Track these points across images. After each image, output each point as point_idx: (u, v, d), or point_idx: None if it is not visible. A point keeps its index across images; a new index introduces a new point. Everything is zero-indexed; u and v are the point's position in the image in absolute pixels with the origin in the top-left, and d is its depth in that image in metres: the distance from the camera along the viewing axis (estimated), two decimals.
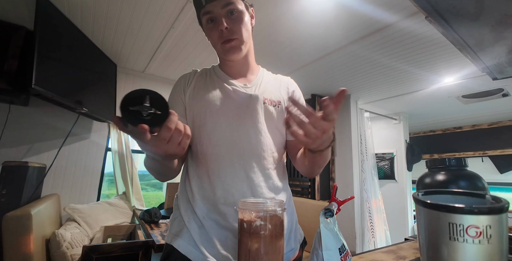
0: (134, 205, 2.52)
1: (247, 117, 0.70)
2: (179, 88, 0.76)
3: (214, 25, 0.69)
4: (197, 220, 0.65)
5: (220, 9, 0.68)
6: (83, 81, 2.00)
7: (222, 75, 0.77)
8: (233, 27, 0.69)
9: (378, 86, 2.92)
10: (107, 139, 2.60)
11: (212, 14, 0.69)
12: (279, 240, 0.42)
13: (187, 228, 0.65)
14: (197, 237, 0.63)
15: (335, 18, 1.72)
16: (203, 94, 0.72)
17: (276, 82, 0.81)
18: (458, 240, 0.49)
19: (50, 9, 1.60)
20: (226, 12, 0.68)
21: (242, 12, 0.71)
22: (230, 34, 0.69)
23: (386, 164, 3.89)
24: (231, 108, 0.70)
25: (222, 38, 0.69)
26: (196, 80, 0.76)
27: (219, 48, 0.72)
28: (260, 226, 0.41)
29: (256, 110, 0.71)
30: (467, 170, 0.93)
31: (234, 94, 0.72)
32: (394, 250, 0.83)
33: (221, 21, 0.67)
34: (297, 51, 2.21)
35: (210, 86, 0.74)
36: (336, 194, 0.59)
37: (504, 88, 2.73)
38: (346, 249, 0.54)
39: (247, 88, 0.74)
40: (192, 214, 0.66)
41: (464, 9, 0.67)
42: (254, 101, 0.71)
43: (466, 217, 0.49)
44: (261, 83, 0.77)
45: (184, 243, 0.63)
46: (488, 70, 1.00)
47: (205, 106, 0.70)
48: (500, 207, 0.49)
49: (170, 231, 0.68)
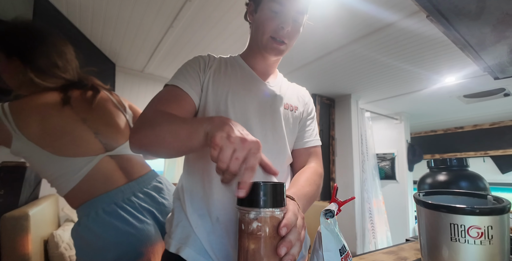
0: None
1: (267, 117, 0.68)
2: (197, 65, 0.68)
3: (277, 18, 0.66)
4: (207, 224, 0.59)
5: (291, 8, 0.66)
6: None
7: (247, 67, 0.73)
8: (292, 32, 0.68)
9: (379, 86, 2.92)
10: None
11: (282, 7, 0.65)
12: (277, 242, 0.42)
13: (196, 234, 0.59)
14: (207, 245, 0.57)
15: (335, 17, 1.71)
16: (224, 81, 0.67)
17: (294, 89, 0.81)
18: (460, 241, 0.49)
19: (48, 8, 1.60)
20: (294, 17, 0.67)
21: (301, 26, 0.71)
22: (286, 37, 0.67)
23: (387, 164, 3.88)
24: (253, 102, 0.67)
25: (277, 34, 0.66)
26: (217, 64, 0.71)
27: (265, 39, 0.67)
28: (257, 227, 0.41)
29: (279, 112, 0.69)
30: (469, 170, 0.92)
31: (259, 89, 0.69)
32: (395, 251, 0.83)
33: (288, 20, 0.65)
34: (297, 51, 2.20)
35: (233, 74, 0.69)
36: (336, 195, 0.59)
37: (506, 88, 2.73)
38: (347, 250, 0.53)
39: (271, 86, 0.73)
40: (201, 218, 0.60)
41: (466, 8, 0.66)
42: (278, 101, 0.70)
43: (468, 218, 0.48)
44: (281, 86, 0.76)
45: (193, 253, 0.57)
46: (489, 70, 0.99)
47: (226, 94, 0.65)
48: (501, 207, 0.49)
49: (173, 237, 0.60)
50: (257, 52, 0.72)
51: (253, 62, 0.74)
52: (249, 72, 0.72)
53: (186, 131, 0.48)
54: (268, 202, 0.40)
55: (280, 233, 0.40)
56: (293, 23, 0.67)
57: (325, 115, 3.35)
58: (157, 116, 0.55)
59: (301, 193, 0.61)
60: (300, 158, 0.76)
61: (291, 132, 0.73)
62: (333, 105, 3.44)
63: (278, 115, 0.69)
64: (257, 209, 0.40)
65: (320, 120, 3.24)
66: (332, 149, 3.31)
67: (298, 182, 0.65)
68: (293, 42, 0.71)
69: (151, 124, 0.53)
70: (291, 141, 0.74)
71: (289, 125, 0.72)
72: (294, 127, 0.74)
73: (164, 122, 0.52)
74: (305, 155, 0.76)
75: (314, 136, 0.78)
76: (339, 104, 3.41)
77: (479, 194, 0.60)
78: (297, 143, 0.76)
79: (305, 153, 0.76)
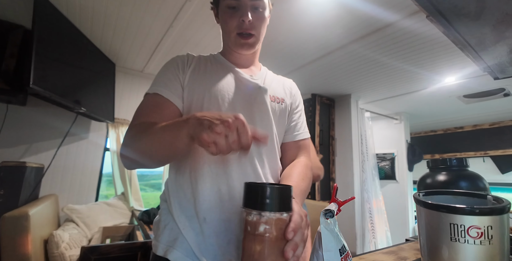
0: (132, 205, 2.52)
1: (254, 110, 0.67)
2: (175, 67, 0.67)
3: (235, 13, 0.66)
4: (195, 225, 0.58)
5: (247, 0, 0.66)
6: (81, 80, 2.00)
7: (227, 63, 0.73)
8: (256, 22, 0.67)
9: (379, 86, 2.92)
10: (106, 139, 2.59)
11: (237, 1, 0.66)
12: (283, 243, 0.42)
13: (183, 236, 0.58)
14: (195, 247, 0.57)
15: (335, 17, 1.72)
16: (206, 78, 0.67)
17: (280, 81, 0.79)
18: (459, 241, 0.49)
19: (48, 8, 1.60)
20: (252, 5, 0.66)
21: (265, 9, 0.69)
22: (251, 28, 0.66)
23: (387, 164, 3.88)
24: (238, 97, 0.66)
25: (241, 29, 0.66)
26: (196, 63, 0.70)
27: (232, 37, 0.68)
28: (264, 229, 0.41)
29: (265, 104, 0.68)
30: (468, 170, 0.92)
31: (241, 83, 0.69)
32: (395, 251, 0.83)
33: (246, 12, 0.65)
34: (297, 51, 2.20)
35: (214, 71, 0.69)
36: (336, 195, 0.59)
37: (506, 88, 2.73)
38: (347, 250, 0.53)
39: (254, 79, 0.71)
40: (188, 219, 0.59)
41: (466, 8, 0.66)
42: (263, 93, 0.69)
43: (467, 218, 0.48)
44: (265, 78, 0.75)
45: (181, 255, 0.56)
46: (489, 70, 0.99)
47: (208, 91, 0.65)
48: (501, 207, 0.49)
49: (160, 240, 0.59)
50: (231, 50, 0.72)
51: (231, 58, 0.74)
52: (229, 67, 0.72)
53: (167, 139, 0.50)
54: (276, 205, 0.41)
55: (287, 237, 0.40)
56: (253, 12, 0.66)
57: (325, 115, 3.35)
58: (137, 131, 0.57)
59: (298, 190, 0.61)
60: (290, 151, 0.75)
61: (279, 124, 0.72)
62: (333, 105, 3.44)
63: (265, 108, 0.68)
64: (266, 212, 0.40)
65: (320, 120, 3.23)
66: (332, 149, 3.31)
67: (292, 177, 0.65)
68: (261, 31, 0.69)
69: (134, 141, 0.55)
70: (280, 133, 0.73)
71: (276, 117, 0.71)
72: (282, 119, 0.73)
73: (144, 137, 0.54)
74: (294, 148, 0.75)
75: (303, 129, 0.78)
76: (339, 104, 3.41)
77: (479, 194, 0.60)
78: (286, 136, 0.76)
79: (294, 146, 0.75)
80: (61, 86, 1.70)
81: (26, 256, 1.27)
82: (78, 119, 2.21)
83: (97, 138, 2.52)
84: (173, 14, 1.73)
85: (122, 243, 1.32)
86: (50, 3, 1.61)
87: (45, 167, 2.05)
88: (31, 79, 1.40)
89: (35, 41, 1.46)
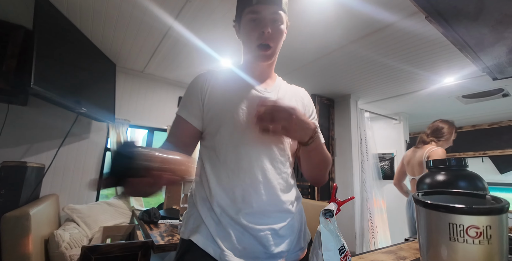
0: (133, 205, 2.52)
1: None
2: (196, 88, 0.76)
3: (257, 26, 0.71)
4: (214, 217, 0.67)
5: (267, 12, 0.71)
6: (82, 81, 2.00)
7: (243, 78, 0.79)
8: (274, 34, 0.72)
9: (378, 86, 2.92)
10: (106, 138, 2.59)
11: (258, 15, 0.71)
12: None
13: (205, 224, 0.67)
14: (214, 232, 0.66)
15: (335, 17, 1.72)
16: (224, 93, 0.74)
17: (292, 91, 0.84)
18: (458, 241, 0.49)
19: (49, 8, 1.60)
20: (271, 19, 0.71)
21: (283, 24, 0.74)
22: (270, 39, 0.71)
23: (386, 164, 3.89)
24: (251, 110, 0.71)
25: (261, 40, 0.71)
26: (215, 79, 0.77)
27: (253, 49, 0.73)
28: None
29: None
30: (467, 170, 0.92)
31: (256, 97, 0.74)
32: (394, 251, 0.83)
33: (266, 24, 0.70)
34: (297, 51, 2.21)
35: (231, 86, 0.76)
36: (336, 194, 0.59)
37: (504, 88, 2.73)
38: (346, 249, 0.53)
39: (267, 92, 0.77)
40: (209, 211, 0.69)
41: (465, 9, 0.66)
42: None
43: (466, 218, 0.48)
44: (279, 90, 0.80)
45: (202, 238, 0.66)
46: (488, 70, 0.99)
47: (226, 106, 0.72)
48: (500, 207, 0.49)
49: (186, 227, 0.71)
50: (250, 63, 0.79)
51: (248, 70, 0.80)
52: (245, 83, 0.77)
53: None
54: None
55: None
56: (272, 25, 0.71)
57: (324, 115, 3.35)
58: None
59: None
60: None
61: None
62: (332, 105, 3.45)
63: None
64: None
65: (319, 121, 3.23)
66: (332, 149, 3.31)
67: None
68: (278, 44, 0.75)
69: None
70: (293, 145, 0.77)
71: None
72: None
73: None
74: None
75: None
76: (339, 104, 3.41)
77: (478, 194, 0.60)
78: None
79: None
80: (62, 86, 1.70)
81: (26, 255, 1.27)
82: (78, 119, 2.21)
83: (97, 138, 2.53)
84: (174, 14, 1.74)
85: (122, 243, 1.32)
86: (50, 4, 1.61)
87: (46, 166, 2.05)
88: (32, 79, 1.40)
89: (36, 42, 1.46)
